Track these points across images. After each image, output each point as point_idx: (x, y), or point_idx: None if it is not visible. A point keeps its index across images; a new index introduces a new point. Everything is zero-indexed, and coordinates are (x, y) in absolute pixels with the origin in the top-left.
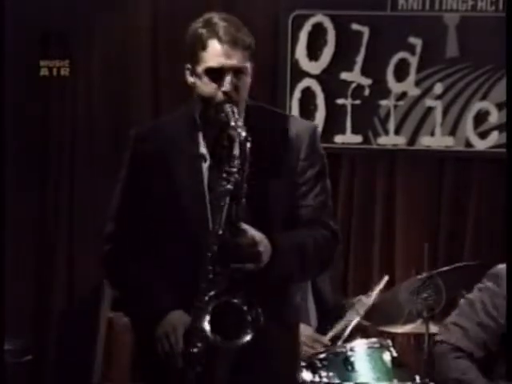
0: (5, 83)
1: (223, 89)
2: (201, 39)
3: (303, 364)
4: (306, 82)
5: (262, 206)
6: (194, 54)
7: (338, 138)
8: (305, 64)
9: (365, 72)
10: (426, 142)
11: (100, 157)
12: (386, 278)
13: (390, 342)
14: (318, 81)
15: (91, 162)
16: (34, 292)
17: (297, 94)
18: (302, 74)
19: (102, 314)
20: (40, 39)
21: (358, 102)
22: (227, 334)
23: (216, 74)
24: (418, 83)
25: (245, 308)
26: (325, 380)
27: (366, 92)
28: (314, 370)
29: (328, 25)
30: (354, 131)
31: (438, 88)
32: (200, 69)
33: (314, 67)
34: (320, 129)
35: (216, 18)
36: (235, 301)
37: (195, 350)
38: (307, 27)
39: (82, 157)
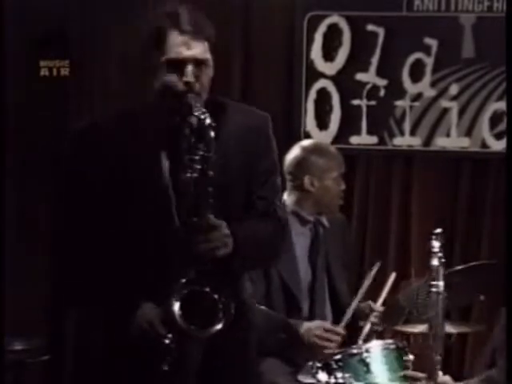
0: (5, 83)
1: (184, 79)
2: (162, 30)
3: (318, 365)
4: (322, 83)
5: (220, 196)
6: (154, 45)
7: (354, 139)
8: (320, 65)
9: (380, 73)
10: (441, 142)
11: None
12: (394, 276)
13: (405, 343)
14: (334, 82)
15: None
16: (52, 291)
17: (312, 95)
18: (317, 75)
19: None
20: (40, 39)
21: (373, 102)
22: (199, 322)
23: (177, 65)
24: (433, 84)
25: (215, 296)
26: (340, 381)
27: (382, 93)
28: (330, 371)
29: (343, 25)
30: (370, 132)
31: (454, 89)
32: (161, 60)
33: (330, 68)
34: (335, 130)
35: (179, 8)
36: (206, 289)
37: (167, 341)
38: (322, 28)
39: None
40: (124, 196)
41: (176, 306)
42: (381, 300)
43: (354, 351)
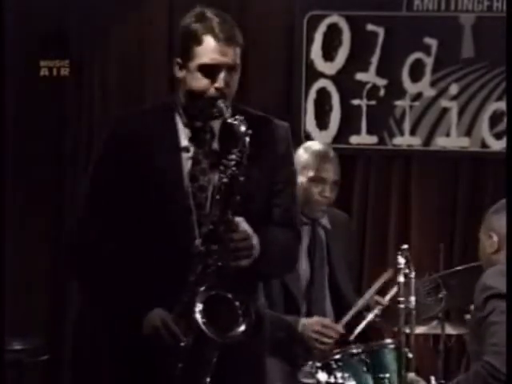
0: (5, 83)
1: (216, 85)
2: (196, 34)
3: (318, 365)
4: (321, 83)
5: (244, 203)
6: (187, 49)
7: (353, 139)
8: (320, 64)
9: (380, 72)
10: (441, 142)
11: None
12: (390, 272)
13: (405, 343)
14: (334, 81)
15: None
16: (51, 291)
17: (312, 95)
18: (317, 75)
19: None
20: (40, 39)
21: (373, 102)
22: (220, 326)
23: (209, 70)
24: (433, 84)
25: (237, 303)
26: (340, 381)
27: (382, 92)
28: (330, 371)
29: (343, 25)
30: (369, 132)
31: (454, 88)
32: (193, 64)
33: (329, 68)
34: (335, 130)
35: (209, 13)
36: (228, 295)
37: (183, 343)
38: (322, 28)
39: (83, 156)
40: (146, 195)
41: (198, 309)
42: (389, 295)
43: (354, 351)
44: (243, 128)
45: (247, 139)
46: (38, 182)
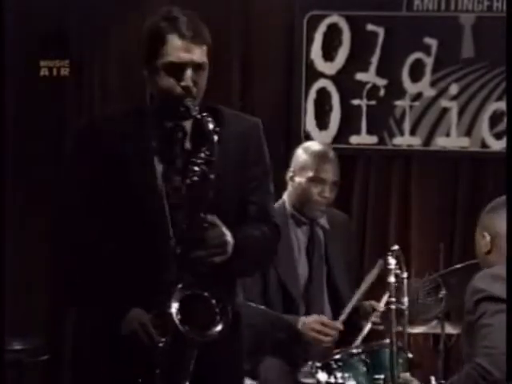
0: (5, 83)
1: (183, 84)
2: (161, 33)
3: (318, 365)
4: (321, 83)
5: (216, 201)
6: (153, 49)
7: (353, 139)
8: (320, 64)
9: (380, 72)
10: (441, 142)
11: None
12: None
13: (405, 343)
14: (334, 81)
15: None
16: (51, 291)
17: (312, 95)
18: (317, 75)
19: None
20: (40, 39)
21: (373, 102)
22: (197, 325)
23: (176, 69)
24: (433, 84)
25: (213, 302)
26: (340, 381)
27: (382, 92)
28: (330, 371)
29: (343, 25)
30: (369, 132)
31: (454, 88)
32: (159, 63)
33: (329, 68)
34: (335, 130)
35: (176, 11)
36: (205, 294)
37: (161, 344)
38: (322, 28)
39: None
40: (119, 197)
41: (174, 309)
42: (384, 300)
43: (354, 351)
44: (211, 126)
45: (215, 137)
46: (37, 182)
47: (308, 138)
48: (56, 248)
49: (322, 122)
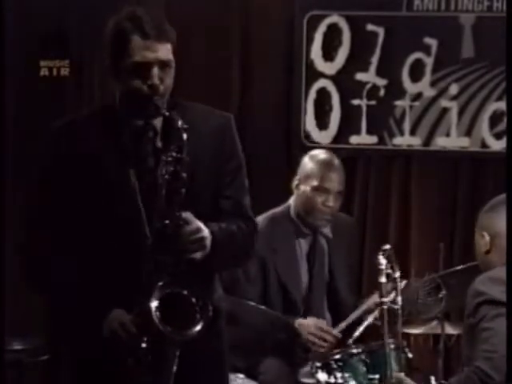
0: (5, 83)
1: (149, 82)
2: (125, 34)
3: (318, 365)
4: (321, 83)
5: (189, 198)
6: (118, 49)
7: (353, 139)
8: (320, 64)
9: (380, 72)
10: (441, 142)
11: None
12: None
13: (405, 342)
14: (334, 81)
15: None
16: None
17: (312, 95)
18: (317, 75)
19: None
20: (40, 39)
21: (373, 102)
22: (177, 325)
23: (141, 69)
24: (433, 84)
25: (193, 299)
26: (340, 381)
27: (382, 92)
28: (330, 371)
29: (343, 25)
30: (369, 132)
31: (454, 88)
32: (124, 63)
33: (329, 68)
34: (335, 130)
35: (138, 11)
36: (184, 292)
37: (143, 344)
38: (322, 28)
39: None
40: (93, 197)
41: (153, 308)
42: (374, 298)
43: (354, 351)
44: (179, 123)
45: (185, 135)
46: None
47: (308, 138)
48: (34, 244)
49: (322, 122)
